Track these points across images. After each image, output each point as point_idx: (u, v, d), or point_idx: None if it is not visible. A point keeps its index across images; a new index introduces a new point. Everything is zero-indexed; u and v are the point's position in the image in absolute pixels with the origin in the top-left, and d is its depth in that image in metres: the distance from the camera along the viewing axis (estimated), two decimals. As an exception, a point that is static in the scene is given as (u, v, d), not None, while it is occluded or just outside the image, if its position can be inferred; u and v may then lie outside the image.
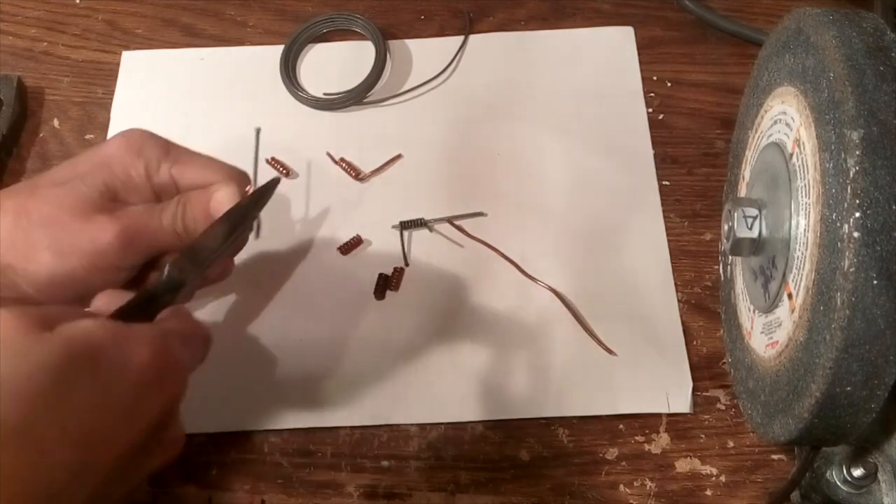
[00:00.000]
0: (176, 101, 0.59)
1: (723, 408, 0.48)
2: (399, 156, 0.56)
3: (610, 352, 0.49)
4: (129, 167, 0.41)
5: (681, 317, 0.50)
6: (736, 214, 0.40)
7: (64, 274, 0.38)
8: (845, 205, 0.30)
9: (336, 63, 0.60)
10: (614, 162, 0.55)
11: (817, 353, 0.32)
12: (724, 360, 0.49)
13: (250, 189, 0.50)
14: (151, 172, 0.41)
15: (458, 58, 0.60)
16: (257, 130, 0.56)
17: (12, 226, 0.38)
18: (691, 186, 0.55)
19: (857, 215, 0.30)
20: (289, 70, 0.59)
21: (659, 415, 0.48)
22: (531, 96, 0.58)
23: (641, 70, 0.59)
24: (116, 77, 0.60)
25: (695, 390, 0.48)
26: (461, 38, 0.61)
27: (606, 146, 0.56)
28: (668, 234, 0.53)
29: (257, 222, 0.52)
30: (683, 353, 0.49)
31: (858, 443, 0.42)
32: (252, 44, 0.61)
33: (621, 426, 0.48)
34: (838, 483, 0.42)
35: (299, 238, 0.53)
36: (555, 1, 0.63)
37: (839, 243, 0.31)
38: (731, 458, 0.47)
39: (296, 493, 0.46)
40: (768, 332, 0.39)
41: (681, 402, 0.48)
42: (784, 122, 0.39)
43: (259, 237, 0.53)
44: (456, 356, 0.49)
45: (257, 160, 0.56)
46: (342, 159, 0.56)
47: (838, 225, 0.31)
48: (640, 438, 0.47)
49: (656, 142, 0.56)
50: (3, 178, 0.56)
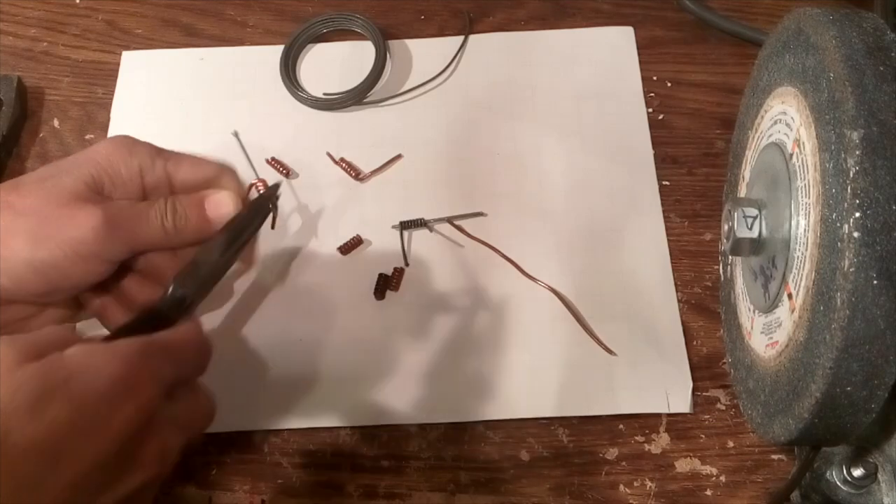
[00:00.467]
0: (176, 101, 0.59)
1: (723, 408, 0.48)
2: (399, 156, 0.56)
3: (610, 352, 0.49)
4: (119, 164, 0.40)
5: (681, 317, 0.50)
6: (736, 214, 0.40)
7: (41, 261, 0.37)
8: (845, 205, 0.30)
9: (336, 63, 0.60)
10: (614, 162, 0.55)
11: (817, 353, 0.32)
12: (724, 360, 0.49)
13: (258, 185, 0.51)
14: (146, 169, 0.41)
15: (458, 58, 0.60)
16: (235, 133, 0.56)
17: None
18: (691, 186, 0.55)
19: (857, 215, 0.30)
20: (289, 70, 0.59)
21: (659, 415, 0.48)
22: (531, 96, 0.58)
23: (641, 70, 0.59)
24: (116, 77, 0.60)
25: (695, 390, 0.48)
26: (461, 38, 0.61)
27: (606, 146, 0.56)
28: (668, 234, 0.53)
29: (273, 213, 0.51)
30: (683, 353, 0.49)
31: (858, 443, 0.42)
32: (252, 44, 0.61)
33: (621, 426, 0.48)
34: (838, 483, 0.42)
35: (299, 238, 0.53)
36: (555, 1, 0.63)
37: (839, 243, 0.31)
38: (731, 458, 0.47)
39: (296, 493, 0.46)
40: (768, 332, 0.39)
41: (681, 402, 0.48)
42: (784, 122, 0.39)
43: (274, 228, 0.52)
44: (456, 356, 0.49)
45: (252, 163, 0.55)
46: (342, 159, 0.56)
47: (838, 225, 0.31)
48: (640, 438, 0.47)
49: (656, 142, 0.56)
50: (3, 177, 0.56)
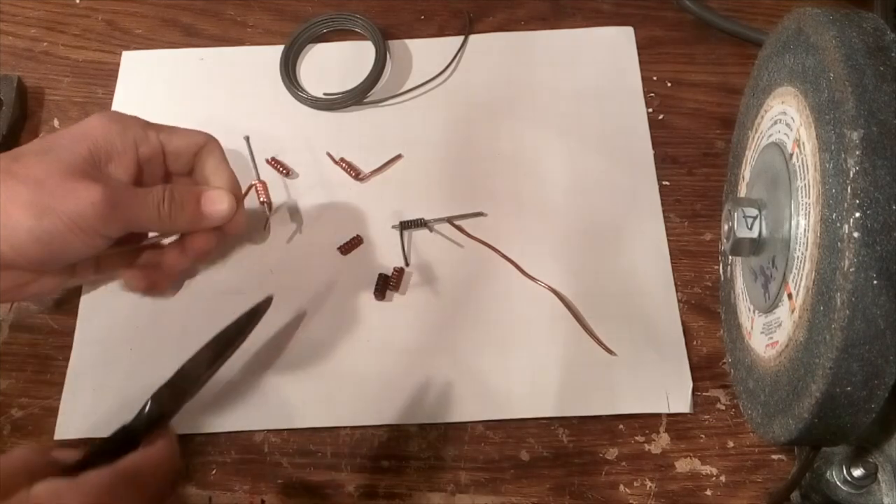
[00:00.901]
0: (176, 101, 0.59)
1: (723, 408, 0.48)
2: (399, 156, 0.56)
3: (610, 352, 0.49)
4: (114, 137, 0.42)
5: (681, 317, 0.50)
6: (736, 214, 0.40)
7: (42, 231, 0.38)
8: (845, 205, 0.30)
9: (336, 63, 0.60)
10: (614, 162, 0.55)
11: (817, 354, 0.32)
12: (724, 360, 0.49)
13: (257, 185, 0.52)
14: (140, 140, 0.43)
15: (458, 58, 0.60)
16: (247, 138, 0.56)
17: None
18: (691, 186, 0.55)
19: (857, 215, 0.30)
20: (289, 70, 0.59)
21: (659, 415, 0.48)
22: (531, 96, 0.58)
23: (641, 70, 0.59)
24: (116, 77, 0.60)
25: (695, 390, 0.48)
26: (461, 38, 0.61)
27: (606, 146, 0.56)
28: (668, 234, 0.53)
29: (267, 217, 0.53)
30: (683, 353, 0.49)
31: (858, 443, 0.42)
32: (252, 44, 0.61)
33: (621, 426, 0.48)
34: (838, 483, 0.42)
35: (299, 238, 0.53)
36: (555, 1, 0.63)
37: (839, 243, 0.31)
38: (731, 458, 0.47)
39: (296, 493, 0.46)
40: (768, 332, 0.39)
41: (681, 402, 0.48)
42: (784, 122, 0.39)
43: (266, 229, 0.53)
44: (456, 356, 0.49)
45: (256, 166, 0.56)
46: (342, 159, 0.56)
47: (838, 225, 0.31)
48: (640, 438, 0.47)
49: (656, 142, 0.56)
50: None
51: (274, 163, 0.56)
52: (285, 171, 0.55)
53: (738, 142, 0.48)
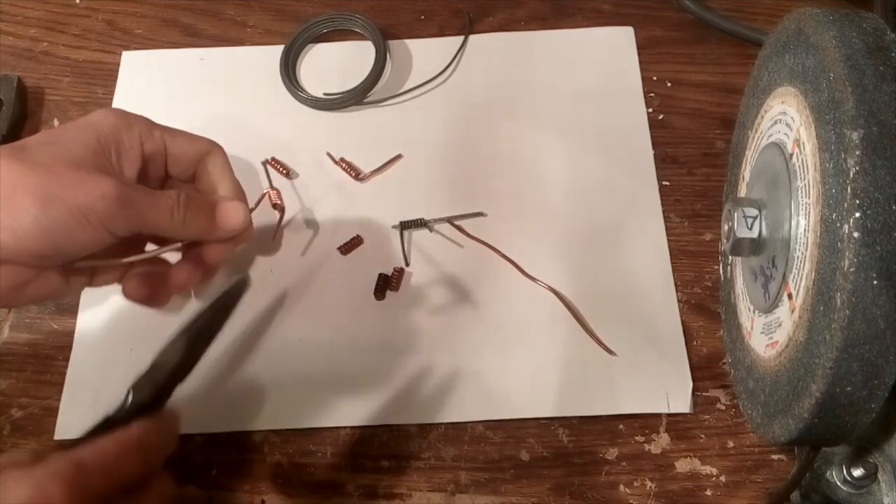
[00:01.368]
0: (176, 101, 0.59)
1: (723, 408, 0.48)
2: (399, 156, 0.56)
3: (610, 352, 0.49)
4: (120, 131, 0.41)
5: (681, 317, 0.50)
6: (736, 214, 0.40)
7: (49, 220, 0.36)
8: (845, 205, 0.30)
9: (336, 63, 0.60)
10: (614, 162, 0.55)
11: (817, 354, 0.32)
12: (724, 361, 0.49)
13: (271, 193, 0.52)
14: (145, 137, 0.42)
15: (458, 58, 0.60)
16: (264, 164, 0.55)
17: (1, 170, 0.36)
18: (691, 186, 0.55)
19: (857, 215, 0.30)
20: (289, 70, 0.59)
21: (659, 415, 0.48)
22: (531, 96, 0.58)
23: (641, 70, 0.59)
24: (116, 77, 0.60)
25: (695, 390, 0.48)
26: (461, 38, 0.61)
27: (606, 146, 0.56)
28: (668, 234, 0.53)
29: (276, 228, 0.52)
30: (683, 353, 0.49)
31: (858, 443, 0.42)
32: (252, 44, 0.61)
33: (621, 426, 0.48)
34: (838, 483, 0.42)
35: (299, 238, 0.53)
36: (555, 1, 0.63)
37: (839, 243, 0.31)
38: (731, 458, 0.47)
39: (296, 493, 0.46)
40: (768, 332, 0.39)
41: (681, 402, 0.48)
42: (784, 122, 0.39)
43: (275, 239, 0.53)
44: (456, 356, 0.49)
45: (271, 183, 0.55)
46: (342, 159, 0.56)
47: (838, 225, 0.31)
48: (640, 438, 0.47)
49: (656, 142, 0.56)
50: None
51: (274, 163, 0.56)
52: (285, 172, 0.55)
53: (738, 142, 0.48)
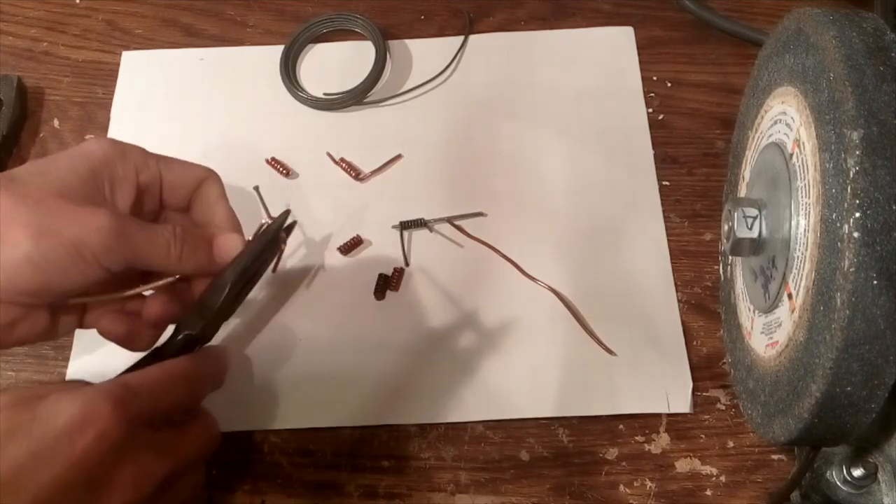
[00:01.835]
0: (176, 101, 0.59)
1: (723, 408, 0.48)
2: (399, 156, 0.56)
3: (610, 352, 0.49)
4: (115, 161, 0.39)
5: (681, 317, 0.50)
6: (736, 214, 0.40)
7: (41, 256, 0.35)
8: (845, 205, 0.30)
9: (336, 63, 0.60)
10: (614, 162, 0.55)
11: (817, 354, 0.32)
12: (724, 360, 0.49)
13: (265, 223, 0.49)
14: (140, 167, 0.40)
15: (458, 58, 0.60)
16: (256, 188, 0.54)
17: None
18: (691, 186, 0.55)
19: (857, 215, 0.30)
20: (289, 70, 0.59)
21: (659, 415, 0.48)
22: (531, 96, 0.58)
23: (641, 70, 0.59)
24: (116, 77, 0.60)
25: (695, 390, 0.48)
26: (461, 38, 0.61)
27: (606, 146, 0.56)
28: (668, 234, 0.53)
29: (278, 253, 0.50)
30: (683, 353, 0.49)
31: (858, 443, 0.42)
32: (252, 44, 0.61)
33: (621, 426, 0.48)
34: (838, 483, 0.42)
35: (299, 238, 0.53)
36: (555, 1, 0.63)
37: (839, 243, 0.31)
38: (731, 459, 0.47)
39: (296, 493, 0.46)
40: (768, 332, 0.39)
41: (681, 402, 0.48)
42: (784, 122, 0.39)
43: (276, 271, 0.51)
44: (456, 356, 0.49)
45: (267, 209, 0.54)
46: (342, 159, 0.56)
47: (838, 225, 0.31)
48: (640, 438, 0.47)
49: (656, 142, 0.56)
50: (3, 178, 0.56)
51: (274, 163, 0.56)
52: (285, 172, 0.55)
53: (738, 142, 0.48)
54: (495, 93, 0.58)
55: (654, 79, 0.59)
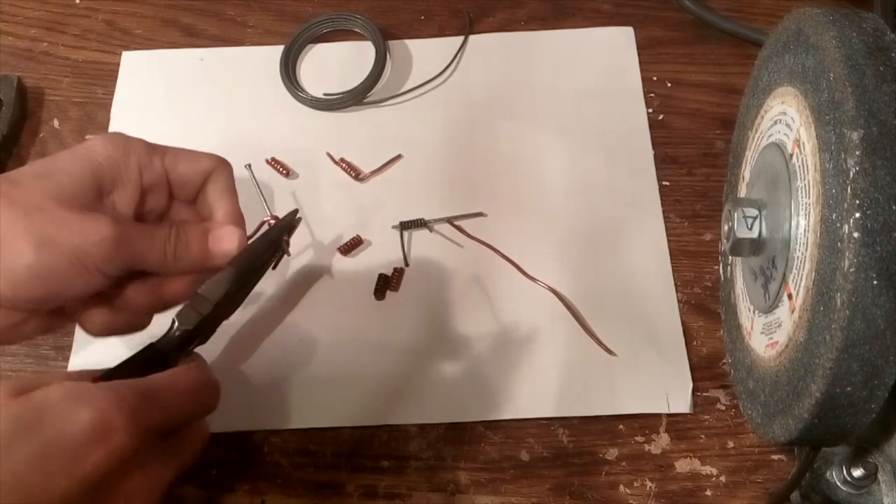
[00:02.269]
0: (176, 102, 0.59)
1: (723, 408, 0.48)
2: (399, 156, 0.56)
3: (610, 352, 0.49)
4: (118, 162, 0.38)
5: (681, 317, 0.50)
6: (736, 215, 0.40)
7: (43, 267, 0.35)
8: (845, 205, 0.30)
9: (336, 63, 0.60)
10: (614, 162, 0.55)
11: (817, 354, 0.32)
12: (724, 361, 0.49)
13: (270, 221, 0.48)
14: (144, 167, 0.39)
15: (458, 58, 0.60)
16: (248, 166, 0.52)
17: None
18: (691, 187, 0.55)
19: (857, 215, 0.30)
20: (289, 70, 0.59)
21: (659, 415, 0.48)
22: (531, 96, 0.58)
23: (641, 70, 0.59)
24: (116, 77, 0.60)
25: (695, 390, 0.48)
26: (461, 38, 0.61)
27: (606, 146, 0.56)
28: (668, 235, 0.53)
29: (280, 252, 0.47)
30: (683, 353, 0.49)
31: (858, 443, 0.42)
32: (252, 44, 0.61)
33: (621, 426, 0.48)
34: (838, 483, 0.42)
35: (300, 239, 0.53)
36: (555, 1, 0.63)
37: (839, 243, 0.31)
38: (731, 459, 0.47)
39: (296, 493, 0.46)
40: (768, 332, 0.39)
41: (681, 402, 0.48)
42: (784, 122, 0.39)
43: (276, 268, 0.48)
44: (456, 356, 0.49)
45: (263, 195, 0.52)
46: (342, 159, 0.56)
47: (838, 225, 0.31)
48: (640, 439, 0.47)
49: (656, 142, 0.56)
50: (3, 178, 0.56)
51: (274, 163, 0.56)
52: (285, 172, 0.55)
53: (738, 142, 0.48)
54: (495, 93, 0.59)
55: (654, 79, 0.59)
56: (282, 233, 0.44)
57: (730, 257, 0.48)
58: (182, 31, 0.62)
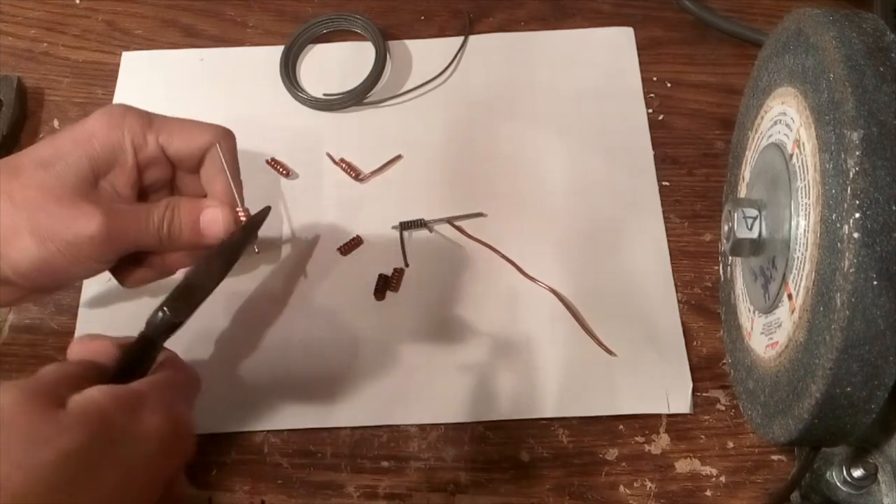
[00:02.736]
0: (176, 102, 0.59)
1: (723, 408, 0.48)
2: (399, 156, 0.56)
3: (610, 352, 0.49)
4: (113, 143, 0.40)
5: (681, 317, 0.50)
6: (736, 215, 0.40)
7: (43, 260, 0.38)
8: (845, 205, 0.30)
9: (336, 63, 0.60)
10: (614, 162, 0.55)
11: (817, 354, 0.32)
12: (724, 361, 0.49)
13: (242, 214, 0.47)
14: (138, 145, 0.41)
15: (458, 58, 0.60)
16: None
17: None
18: (691, 187, 0.55)
19: (857, 216, 0.30)
20: (289, 70, 0.59)
21: (659, 415, 0.48)
22: (531, 96, 0.58)
23: (641, 70, 0.59)
24: (116, 78, 0.60)
25: (695, 391, 0.48)
26: (461, 38, 0.61)
27: (606, 146, 0.56)
28: (668, 235, 0.53)
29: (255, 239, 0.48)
30: (683, 353, 0.49)
31: (858, 443, 0.42)
32: (252, 44, 0.61)
33: (621, 427, 0.48)
34: (838, 484, 0.42)
35: (299, 239, 0.53)
36: (555, 1, 0.63)
37: (839, 244, 0.31)
38: (731, 459, 0.47)
39: (296, 494, 0.46)
40: (768, 332, 0.39)
41: (681, 402, 0.48)
42: (784, 122, 0.39)
43: (258, 252, 0.49)
44: (456, 356, 0.49)
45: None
46: (342, 159, 0.56)
47: (838, 225, 0.31)
48: (640, 439, 0.47)
49: (656, 142, 0.56)
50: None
51: (274, 163, 0.56)
52: (285, 172, 0.55)
53: (737, 142, 0.48)
54: (495, 93, 0.59)
55: (654, 79, 0.59)
56: (259, 221, 0.45)
57: (730, 258, 0.48)
58: (182, 31, 0.62)
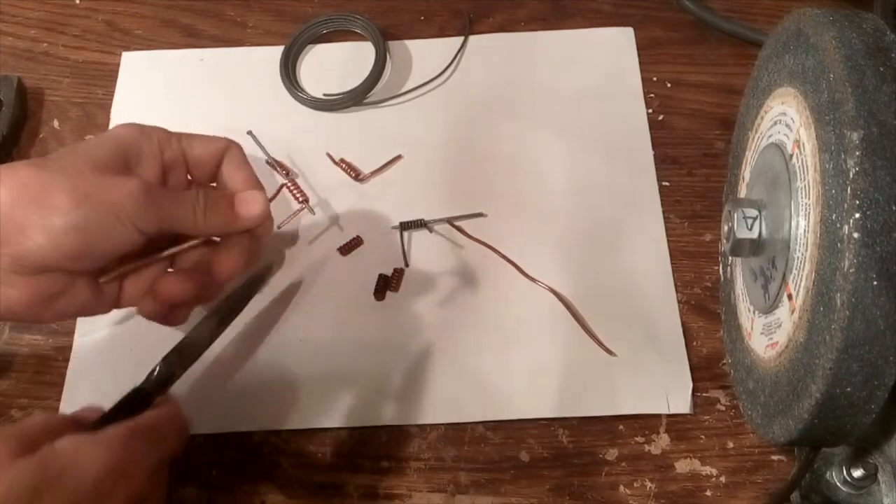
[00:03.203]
0: (176, 102, 0.59)
1: (723, 408, 0.48)
2: (399, 156, 0.56)
3: (610, 352, 0.49)
4: (140, 141, 0.42)
5: (681, 317, 0.50)
6: (736, 215, 0.40)
7: (81, 218, 0.37)
8: (845, 206, 0.30)
9: (336, 64, 0.60)
10: (614, 162, 0.55)
11: (817, 354, 0.32)
12: (724, 361, 0.49)
13: (288, 185, 0.51)
14: (164, 146, 0.43)
15: (458, 58, 0.60)
16: (250, 132, 0.56)
17: (29, 175, 0.37)
18: (691, 187, 0.55)
19: (857, 216, 0.30)
20: (289, 71, 0.59)
21: (659, 415, 0.48)
22: (531, 96, 0.58)
23: (641, 70, 0.59)
24: (116, 78, 0.60)
25: (695, 391, 0.48)
26: (461, 38, 0.61)
27: (606, 146, 0.56)
28: (668, 235, 0.53)
29: (300, 214, 0.52)
30: (683, 353, 0.49)
31: (858, 443, 0.42)
32: (252, 44, 0.61)
33: (621, 427, 0.48)
34: (838, 484, 0.42)
35: (299, 239, 0.53)
36: (555, 1, 0.63)
37: (839, 244, 0.31)
38: (731, 459, 0.47)
39: (296, 494, 0.46)
40: (768, 332, 0.39)
41: (681, 402, 0.48)
42: (784, 122, 0.39)
43: (280, 227, 0.51)
44: (456, 356, 0.49)
45: (271, 157, 0.55)
46: (342, 160, 0.56)
47: (838, 226, 0.31)
48: (640, 439, 0.47)
49: (656, 142, 0.56)
50: (3, 178, 0.56)
51: (274, 163, 0.56)
52: (285, 172, 0.55)
53: (737, 142, 0.48)
54: (495, 93, 0.59)
55: (654, 79, 0.59)
56: (260, 279, 0.47)
57: (730, 258, 0.48)
58: (182, 31, 0.62)
